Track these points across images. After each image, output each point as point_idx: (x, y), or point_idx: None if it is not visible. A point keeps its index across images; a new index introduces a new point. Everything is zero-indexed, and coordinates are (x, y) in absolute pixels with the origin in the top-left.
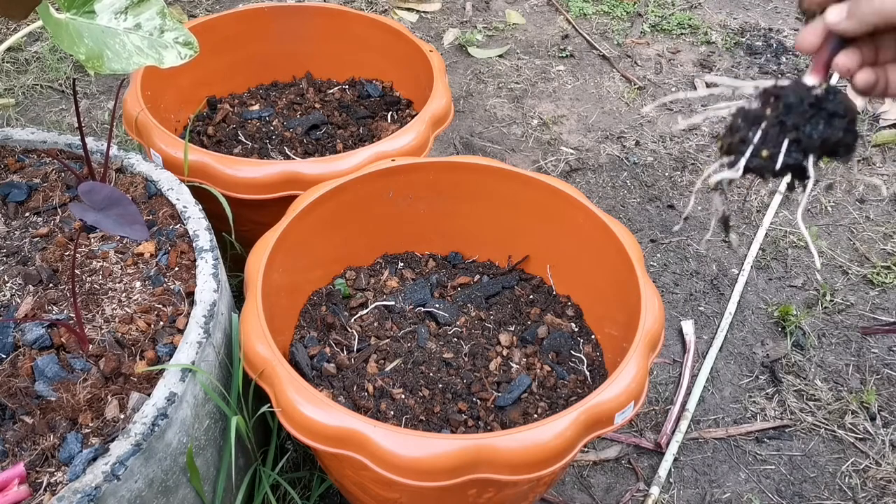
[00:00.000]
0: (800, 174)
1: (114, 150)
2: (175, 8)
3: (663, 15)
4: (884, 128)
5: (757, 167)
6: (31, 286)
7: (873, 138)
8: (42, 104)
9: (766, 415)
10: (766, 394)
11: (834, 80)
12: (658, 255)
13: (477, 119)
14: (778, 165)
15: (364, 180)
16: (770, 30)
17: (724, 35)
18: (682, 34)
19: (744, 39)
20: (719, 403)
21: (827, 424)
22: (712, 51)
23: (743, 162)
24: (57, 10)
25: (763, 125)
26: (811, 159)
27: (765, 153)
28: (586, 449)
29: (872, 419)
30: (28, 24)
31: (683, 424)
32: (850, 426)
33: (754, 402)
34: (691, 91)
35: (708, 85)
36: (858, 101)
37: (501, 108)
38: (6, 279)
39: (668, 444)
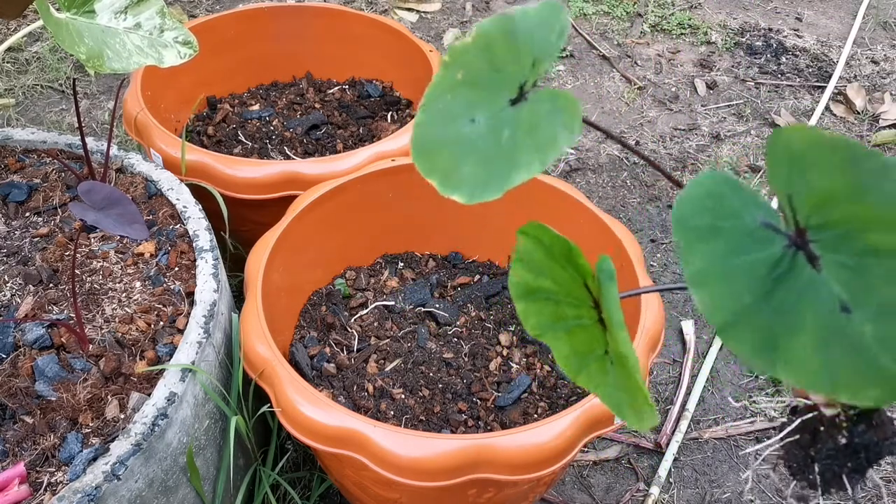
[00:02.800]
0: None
1: (114, 150)
2: (175, 8)
3: (663, 15)
4: (883, 128)
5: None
6: (31, 286)
7: (873, 138)
8: (42, 104)
9: (766, 415)
10: (766, 394)
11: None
12: (658, 255)
13: None
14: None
15: (364, 180)
16: (770, 30)
17: (724, 35)
18: (682, 34)
19: (744, 39)
20: (719, 403)
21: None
22: (712, 51)
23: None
24: (57, 9)
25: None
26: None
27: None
28: (586, 449)
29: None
30: (28, 24)
31: (683, 424)
32: None
33: (754, 402)
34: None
35: (709, 86)
36: (858, 101)
37: None
38: (6, 279)
39: (668, 444)
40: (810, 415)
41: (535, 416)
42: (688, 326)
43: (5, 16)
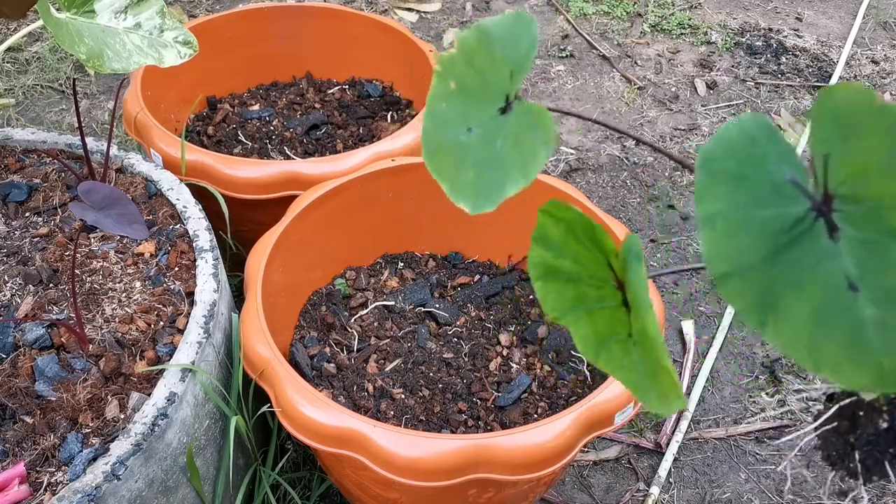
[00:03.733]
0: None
1: (114, 150)
2: (175, 8)
3: (663, 15)
4: None
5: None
6: (31, 286)
7: None
8: (42, 104)
9: (766, 415)
10: (766, 394)
11: None
12: (658, 255)
13: None
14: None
15: (364, 180)
16: (770, 30)
17: (724, 35)
18: (682, 34)
19: (744, 39)
20: (719, 403)
21: None
22: (712, 51)
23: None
24: (57, 9)
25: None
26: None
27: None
28: (586, 449)
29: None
30: (28, 24)
31: (683, 424)
32: None
33: (754, 402)
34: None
35: (709, 86)
36: None
37: None
38: (6, 279)
39: (668, 444)
40: (849, 400)
41: (535, 416)
42: (688, 326)
43: (8, 16)
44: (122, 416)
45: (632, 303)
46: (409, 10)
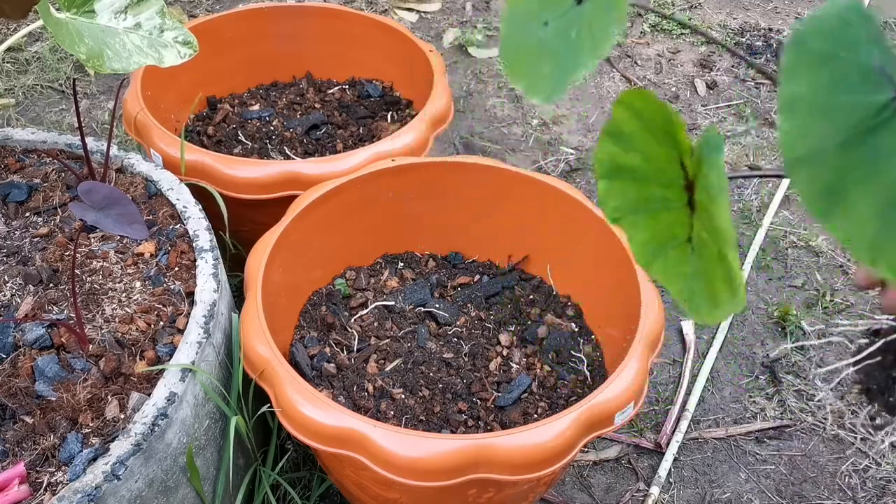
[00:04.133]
0: None
1: (114, 150)
2: (175, 8)
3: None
4: None
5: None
6: (31, 286)
7: None
8: (42, 104)
9: (766, 415)
10: (766, 394)
11: None
12: None
13: (477, 119)
14: None
15: (364, 180)
16: (770, 30)
17: (724, 35)
18: (682, 34)
19: (744, 39)
20: (719, 403)
21: (827, 424)
22: (712, 51)
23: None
24: (57, 9)
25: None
26: None
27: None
28: (586, 449)
29: (872, 419)
30: (28, 24)
31: (683, 424)
32: (850, 426)
33: (754, 402)
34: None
35: (709, 86)
36: None
37: (501, 108)
38: (6, 279)
39: (668, 444)
40: None
41: (535, 416)
42: (688, 326)
43: (8, 16)
44: (122, 416)
45: (700, 198)
46: (409, 10)
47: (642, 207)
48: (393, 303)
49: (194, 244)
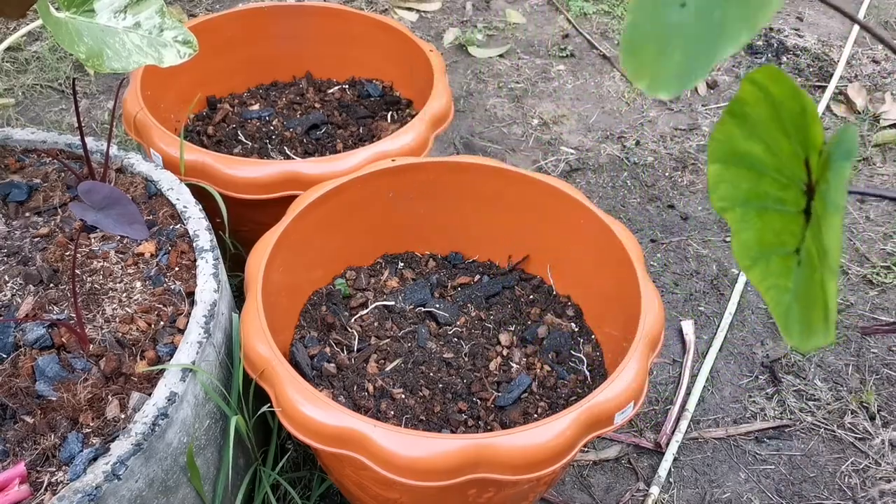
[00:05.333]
0: None
1: (114, 150)
2: (175, 7)
3: None
4: (884, 128)
5: None
6: (31, 286)
7: (874, 138)
8: (42, 104)
9: (765, 415)
10: (766, 394)
11: None
12: (658, 255)
13: (477, 119)
14: None
15: (364, 180)
16: (771, 29)
17: None
18: None
19: None
20: (719, 403)
21: (826, 424)
22: None
23: None
24: (56, 9)
25: None
26: None
27: None
28: (586, 449)
29: (872, 419)
30: (28, 24)
31: (683, 424)
32: (849, 426)
33: (754, 402)
34: None
35: (709, 86)
36: (859, 101)
37: (502, 107)
38: (7, 279)
39: (667, 444)
40: None
41: (535, 416)
42: (688, 326)
43: (7, 15)
44: (123, 416)
45: (818, 209)
46: (409, 9)
47: (753, 203)
48: (393, 303)
49: (194, 244)
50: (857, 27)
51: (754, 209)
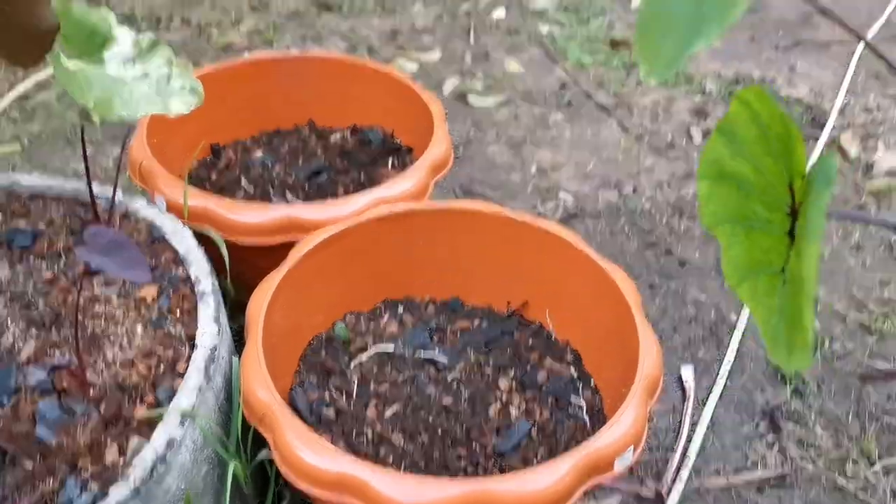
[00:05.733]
0: None
1: (119, 196)
2: (181, 58)
3: None
4: (878, 176)
5: None
6: (34, 330)
7: (868, 186)
8: (47, 151)
9: (767, 463)
10: (767, 441)
11: None
12: (656, 301)
13: (476, 166)
14: None
15: (364, 226)
16: (764, 79)
17: (718, 84)
18: (676, 83)
19: (738, 88)
20: (720, 451)
21: (828, 473)
22: (707, 100)
23: None
24: (68, 58)
25: None
26: None
27: None
28: (586, 498)
29: (873, 465)
30: (37, 73)
31: (684, 473)
32: (851, 475)
33: (755, 450)
34: None
35: (705, 134)
36: (853, 149)
37: (501, 155)
38: (10, 323)
39: (668, 494)
40: None
41: (535, 461)
42: (687, 372)
43: (22, 65)
44: (122, 461)
45: (799, 233)
46: (410, 59)
47: (742, 221)
48: (392, 348)
49: (196, 288)
50: (849, 76)
51: (742, 227)
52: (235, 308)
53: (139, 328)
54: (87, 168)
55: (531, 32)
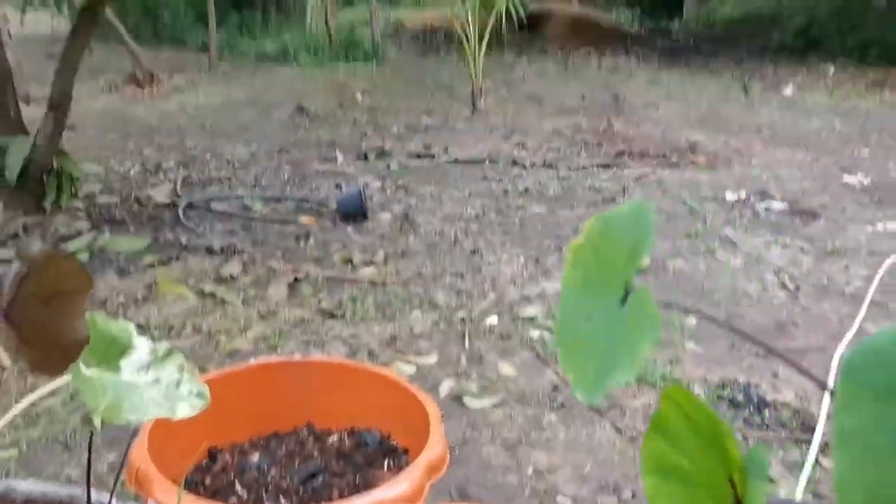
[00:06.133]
0: None
1: (114, 502)
2: (189, 363)
3: (646, 369)
4: None
5: None
6: None
7: None
8: (43, 456)
9: None
10: None
11: None
12: None
13: (472, 467)
14: None
15: None
16: (749, 384)
17: (705, 388)
18: (665, 387)
19: (724, 393)
20: None
21: None
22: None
23: None
24: (87, 366)
25: None
26: None
27: None
28: None
29: None
30: (52, 381)
31: None
32: None
33: None
34: None
35: None
36: None
37: (496, 456)
38: None
39: None
40: None
41: None
42: None
43: (48, 373)
44: None
45: None
46: (408, 362)
47: None
48: None
49: None
50: (831, 380)
51: None
52: None
53: None
54: (88, 474)
55: (523, 337)
